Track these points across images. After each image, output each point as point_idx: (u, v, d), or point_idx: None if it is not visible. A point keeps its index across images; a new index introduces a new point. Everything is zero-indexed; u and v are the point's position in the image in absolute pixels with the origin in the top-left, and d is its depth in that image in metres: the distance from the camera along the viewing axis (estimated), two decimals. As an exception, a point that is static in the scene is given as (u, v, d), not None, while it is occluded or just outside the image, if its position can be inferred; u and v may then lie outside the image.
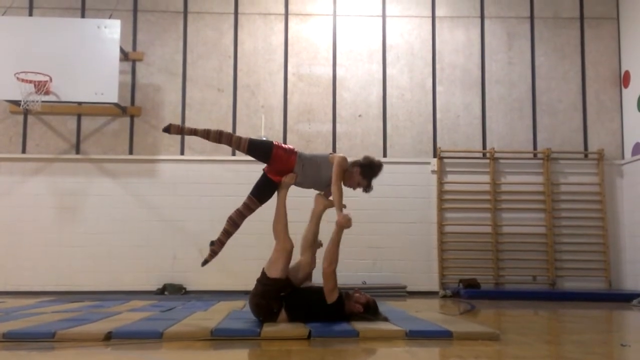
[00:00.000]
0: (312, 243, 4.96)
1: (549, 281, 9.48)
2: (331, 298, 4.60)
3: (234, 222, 5.00)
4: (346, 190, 4.90)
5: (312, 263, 4.93)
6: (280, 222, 4.88)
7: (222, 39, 9.94)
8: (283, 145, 5.03)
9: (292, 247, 4.76)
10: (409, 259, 9.49)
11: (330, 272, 4.59)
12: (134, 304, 6.70)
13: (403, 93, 9.92)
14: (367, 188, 5.02)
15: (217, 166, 9.58)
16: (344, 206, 4.72)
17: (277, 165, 4.94)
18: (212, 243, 5.05)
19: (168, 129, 4.94)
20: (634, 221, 9.42)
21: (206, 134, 4.96)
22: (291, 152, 4.96)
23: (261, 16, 9.99)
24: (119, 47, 9.06)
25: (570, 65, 10.04)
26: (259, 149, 5.00)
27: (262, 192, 5.00)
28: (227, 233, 5.02)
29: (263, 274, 4.74)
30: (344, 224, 4.61)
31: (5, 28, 8.98)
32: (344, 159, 4.89)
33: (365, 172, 4.95)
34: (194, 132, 5.01)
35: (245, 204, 4.99)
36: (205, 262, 5.11)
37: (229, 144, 5.04)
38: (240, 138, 5.01)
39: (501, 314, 6.66)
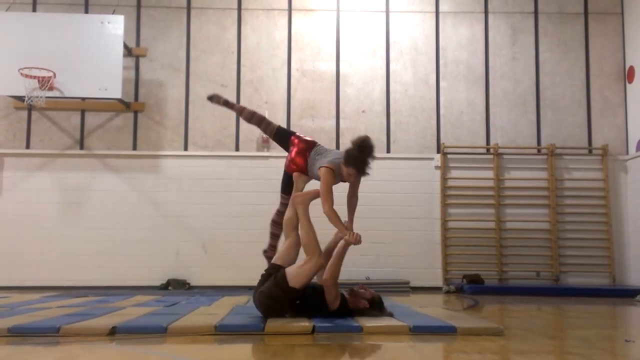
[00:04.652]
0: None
1: (552, 277, 9.47)
2: (334, 306, 4.61)
3: (277, 224, 5.12)
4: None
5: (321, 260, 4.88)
6: (310, 236, 4.66)
7: (225, 34, 9.94)
8: (303, 137, 5.16)
9: (324, 264, 4.72)
10: (412, 254, 9.49)
11: (332, 284, 4.58)
12: (138, 299, 6.71)
13: (406, 89, 9.90)
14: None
15: (221, 162, 9.58)
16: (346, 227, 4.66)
17: (295, 158, 5.03)
18: (265, 251, 5.24)
19: (211, 98, 5.43)
20: (638, 217, 9.40)
21: (240, 111, 5.44)
22: (307, 147, 5.02)
23: (264, 12, 9.98)
24: (122, 42, 9.06)
25: (575, 61, 10.00)
26: (283, 137, 5.25)
27: (288, 185, 5.11)
28: (275, 236, 5.20)
29: (284, 279, 4.52)
30: (354, 243, 4.56)
31: (9, 24, 9.00)
32: (328, 174, 4.73)
33: (350, 162, 4.73)
34: (230, 105, 5.54)
35: (281, 204, 5.16)
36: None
37: (258, 126, 5.35)
38: (270, 123, 5.31)
39: (505, 309, 6.66)
